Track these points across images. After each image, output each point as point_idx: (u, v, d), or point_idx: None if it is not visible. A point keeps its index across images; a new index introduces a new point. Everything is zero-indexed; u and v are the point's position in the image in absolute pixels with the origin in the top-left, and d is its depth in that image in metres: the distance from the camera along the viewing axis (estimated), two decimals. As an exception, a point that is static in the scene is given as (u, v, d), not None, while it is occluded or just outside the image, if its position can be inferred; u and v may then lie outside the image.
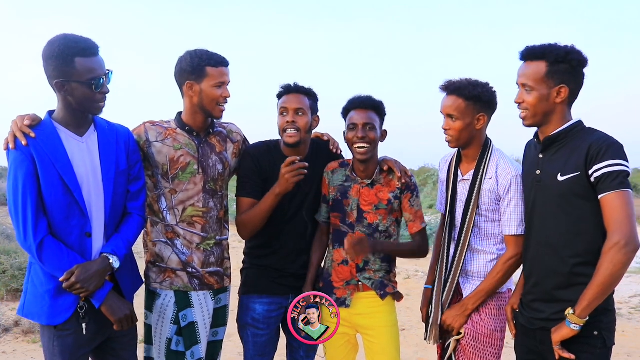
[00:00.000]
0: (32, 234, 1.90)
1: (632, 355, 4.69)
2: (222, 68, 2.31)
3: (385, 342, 2.41)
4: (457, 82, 2.23)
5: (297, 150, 2.47)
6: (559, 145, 1.98)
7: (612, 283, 1.81)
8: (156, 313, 2.37)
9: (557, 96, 1.94)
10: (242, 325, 2.53)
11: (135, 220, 2.18)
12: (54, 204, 1.93)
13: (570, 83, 1.94)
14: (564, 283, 1.94)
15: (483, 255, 2.28)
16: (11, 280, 6.27)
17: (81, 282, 1.91)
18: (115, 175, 2.07)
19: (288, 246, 2.50)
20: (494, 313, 2.26)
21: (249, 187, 2.44)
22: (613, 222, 1.80)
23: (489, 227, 2.27)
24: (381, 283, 2.42)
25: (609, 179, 1.81)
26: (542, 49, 1.95)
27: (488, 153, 2.26)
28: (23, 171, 1.89)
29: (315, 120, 2.50)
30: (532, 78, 1.95)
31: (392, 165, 2.41)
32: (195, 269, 2.36)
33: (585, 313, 1.83)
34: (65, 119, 2.01)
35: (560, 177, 1.92)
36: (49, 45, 1.92)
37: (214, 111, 2.33)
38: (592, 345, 1.89)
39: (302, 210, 2.51)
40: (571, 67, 1.93)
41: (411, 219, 2.45)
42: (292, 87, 2.46)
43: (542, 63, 1.94)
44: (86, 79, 1.93)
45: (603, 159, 1.81)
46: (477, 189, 2.24)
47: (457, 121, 2.21)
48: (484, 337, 2.23)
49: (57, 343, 1.99)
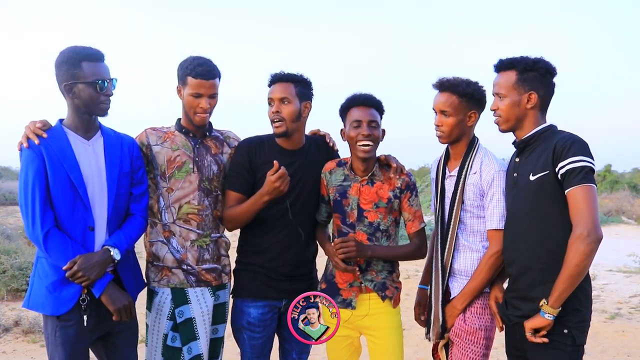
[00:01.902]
0: (39, 225, 2.05)
1: (632, 355, 4.69)
2: (201, 80, 2.35)
3: (388, 344, 2.39)
4: (451, 80, 2.29)
5: (292, 140, 2.46)
6: (531, 148, 2.11)
7: (579, 273, 1.90)
8: (153, 310, 2.42)
9: (528, 102, 2.09)
10: (237, 328, 2.51)
11: (138, 220, 2.31)
12: (60, 199, 2.09)
13: (539, 90, 2.09)
14: (537, 280, 2.03)
15: (469, 252, 2.29)
16: (11, 280, 6.28)
17: (83, 270, 2.04)
18: (118, 176, 2.22)
19: (278, 245, 2.46)
20: (479, 312, 2.27)
21: (237, 182, 2.45)
22: (577, 215, 1.91)
23: (474, 223, 2.30)
24: (383, 285, 2.39)
25: (572, 174, 1.92)
26: (511, 60, 2.13)
27: (474, 149, 2.32)
28: (34, 168, 2.06)
29: (305, 107, 2.45)
30: (504, 86, 2.12)
31: (391, 159, 2.42)
32: (190, 266, 2.40)
33: (557, 303, 1.93)
34: (74, 124, 2.18)
35: (531, 177, 2.04)
36: (60, 54, 2.13)
37: (193, 118, 2.41)
38: (563, 343, 1.99)
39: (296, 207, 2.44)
40: (539, 75, 2.09)
41: (410, 219, 2.43)
42: (278, 75, 2.44)
43: (512, 72, 2.11)
44: (91, 80, 2.11)
45: (567, 155, 1.93)
46: (461, 184, 2.28)
47: (449, 117, 2.27)
48: (467, 334, 2.24)
49: (60, 333, 2.10)
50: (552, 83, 2.14)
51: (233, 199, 2.44)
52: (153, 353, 2.40)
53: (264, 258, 2.46)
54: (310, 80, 2.49)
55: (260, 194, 2.31)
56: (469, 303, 2.27)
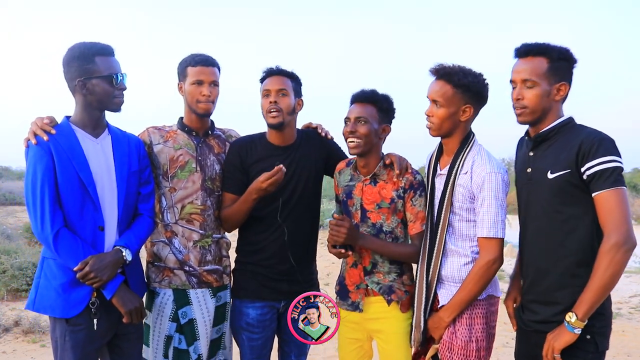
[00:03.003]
0: (49, 225, 1.99)
1: (632, 355, 4.69)
2: (201, 67, 2.37)
3: (394, 349, 2.30)
4: (448, 67, 2.11)
5: (283, 135, 2.44)
6: (549, 142, 1.94)
7: (612, 283, 1.76)
8: (155, 311, 2.41)
9: (557, 93, 1.91)
10: (236, 329, 2.49)
11: (147, 221, 2.27)
12: (69, 198, 2.03)
13: (569, 81, 1.93)
14: (557, 284, 1.89)
15: (457, 257, 2.14)
16: (11, 280, 6.27)
17: (95, 271, 1.99)
18: (127, 175, 2.18)
19: (273, 244, 2.44)
20: (469, 322, 2.11)
21: (230, 183, 2.45)
22: (610, 221, 1.76)
23: (463, 227, 2.13)
24: (389, 288, 2.29)
25: (602, 177, 1.76)
26: (543, 46, 1.91)
27: (467, 147, 2.14)
28: (42, 165, 2.00)
29: (298, 104, 2.46)
30: (534, 74, 1.90)
31: (394, 159, 2.31)
32: (192, 267, 2.40)
33: (587, 316, 1.77)
34: (83, 121, 2.13)
35: (550, 174, 1.88)
36: (69, 50, 2.08)
37: (197, 109, 2.39)
38: (585, 350, 1.82)
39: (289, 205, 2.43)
40: (569, 65, 1.92)
41: (411, 220, 2.30)
42: (274, 69, 2.45)
43: (542, 59, 1.90)
44: (106, 74, 2.07)
45: (596, 155, 1.77)
46: (451, 184, 2.12)
47: (441, 108, 2.10)
48: (458, 348, 2.10)
49: (69, 338, 2.04)
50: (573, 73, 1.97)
51: (229, 200, 2.44)
52: (154, 353, 2.40)
53: (261, 257, 2.45)
54: (301, 79, 2.50)
55: (248, 192, 2.32)
56: (457, 314, 2.10)
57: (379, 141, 2.32)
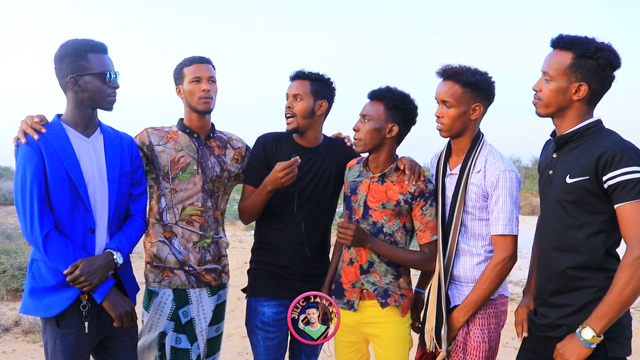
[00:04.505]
0: (38, 227, 1.94)
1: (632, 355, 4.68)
2: (196, 65, 2.40)
3: (389, 354, 2.28)
4: (455, 68, 2.11)
5: (306, 138, 2.47)
6: (572, 146, 1.86)
7: (632, 298, 1.70)
8: (153, 309, 2.41)
9: (576, 93, 1.82)
10: (251, 328, 2.48)
11: (138, 222, 2.24)
12: (59, 199, 1.98)
13: (593, 82, 1.80)
14: (565, 287, 1.86)
15: (469, 257, 2.14)
16: (11, 280, 6.27)
17: (85, 274, 1.95)
18: (119, 175, 2.14)
19: (289, 243, 2.46)
20: (481, 322, 2.11)
21: (252, 175, 2.48)
22: (633, 235, 1.69)
23: (476, 226, 2.14)
24: (385, 291, 2.26)
25: (626, 188, 1.69)
26: (572, 39, 1.82)
27: (478, 146, 2.14)
28: (32, 166, 1.95)
29: (320, 106, 2.43)
30: (554, 67, 1.84)
31: (406, 164, 2.28)
32: (192, 267, 2.41)
33: (604, 330, 1.72)
34: (74, 120, 2.08)
35: (568, 179, 1.82)
36: (62, 47, 2.04)
37: (198, 106, 2.40)
38: (594, 355, 1.76)
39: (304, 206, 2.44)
40: (598, 65, 1.78)
41: (421, 229, 2.26)
42: (294, 74, 2.47)
43: (568, 54, 1.81)
44: (99, 71, 2.04)
45: (619, 165, 1.70)
46: (463, 183, 2.11)
47: (451, 108, 2.10)
48: (472, 349, 2.10)
49: (60, 341, 2.02)
50: (611, 76, 1.82)
51: (247, 191, 2.48)
52: (146, 345, 2.40)
53: (276, 256, 2.47)
54: (331, 80, 2.49)
55: (264, 183, 2.34)
56: (471, 315, 2.10)
57: (387, 140, 2.26)
